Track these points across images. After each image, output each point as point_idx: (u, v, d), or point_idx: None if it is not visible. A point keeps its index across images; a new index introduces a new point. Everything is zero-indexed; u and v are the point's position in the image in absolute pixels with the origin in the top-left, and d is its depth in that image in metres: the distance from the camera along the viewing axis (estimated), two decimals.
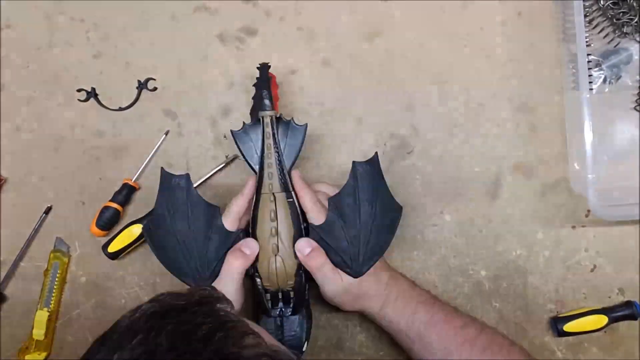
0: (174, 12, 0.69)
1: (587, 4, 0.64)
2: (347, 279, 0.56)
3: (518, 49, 0.67)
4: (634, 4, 0.63)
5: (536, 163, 0.66)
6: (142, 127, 0.69)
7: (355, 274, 0.55)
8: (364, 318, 0.67)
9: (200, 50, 0.69)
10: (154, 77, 0.69)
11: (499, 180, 0.67)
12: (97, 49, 0.69)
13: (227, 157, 0.67)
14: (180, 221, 0.55)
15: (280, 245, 0.55)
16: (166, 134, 0.68)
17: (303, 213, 0.57)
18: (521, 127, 0.67)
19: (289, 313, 0.57)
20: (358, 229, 0.55)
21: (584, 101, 0.58)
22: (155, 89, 0.69)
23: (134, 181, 0.67)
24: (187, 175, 0.56)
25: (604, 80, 0.65)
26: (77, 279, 0.69)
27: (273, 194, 0.56)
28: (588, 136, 0.57)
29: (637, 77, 0.65)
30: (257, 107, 0.59)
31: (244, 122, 0.60)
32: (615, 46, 0.65)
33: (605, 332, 0.65)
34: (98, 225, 0.65)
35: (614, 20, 0.64)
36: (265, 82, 0.59)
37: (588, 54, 0.63)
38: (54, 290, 0.67)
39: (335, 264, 0.56)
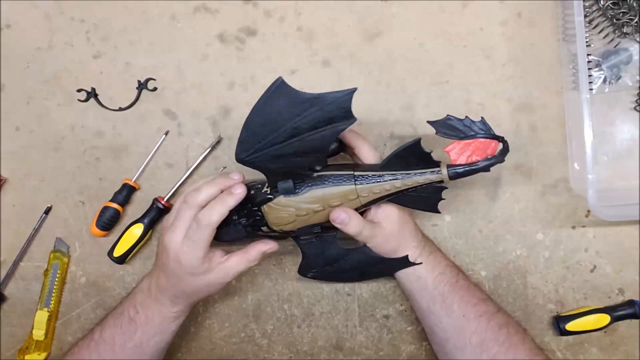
0: (174, 12, 0.69)
1: (587, 4, 0.64)
2: (386, 231, 0.57)
3: (518, 49, 0.67)
4: (634, 4, 0.63)
5: (536, 163, 0.66)
6: (142, 127, 0.69)
7: None
8: (364, 318, 0.67)
9: (200, 50, 0.69)
10: (154, 77, 0.69)
11: (498, 181, 0.67)
12: (97, 49, 0.69)
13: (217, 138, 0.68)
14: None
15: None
16: (166, 134, 0.68)
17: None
18: (521, 127, 0.67)
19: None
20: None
21: (584, 101, 0.58)
22: (155, 89, 0.69)
23: (134, 181, 0.67)
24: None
25: (604, 81, 0.65)
26: (77, 279, 0.69)
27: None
28: (588, 136, 0.57)
29: (637, 77, 0.65)
30: None
31: None
32: (615, 46, 0.65)
33: (605, 332, 0.65)
34: (98, 225, 0.66)
35: (614, 21, 0.64)
36: None
37: (588, 54, 0.63)
38: (53, 291, 0.67)
39: None
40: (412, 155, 0.53)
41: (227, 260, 0.56)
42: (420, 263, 0.58)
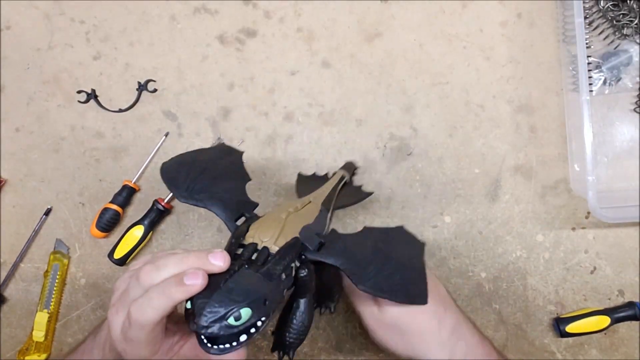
0: (173, 13, 0.69)
1: (587, 5, 0.64)
2: (391, 309, 0.43)
3: (518, 50, 0.67)
4: (634, 6, 0.63)
5: (536, 164, 0.66)
6: (142, 128, 0.69)
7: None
8: None
9: (200, 51, 0.69)
10: (154, 78, 0.69)
11: (498, 182, 0.67)
12: (97, 50, 0.69)
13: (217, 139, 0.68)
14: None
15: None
16: (166, 135, 0.68)
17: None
18: (521, 128, 0.67)
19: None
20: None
21: (583, 103, 0.58)
22: (155, 90, 0.69)
23: (134, 183, 0.67)
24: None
25: (604, 82, 0.65)
26: (77, 280, 0.69)
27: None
28: (588, 138, 0.57)
29: (637, 78, 0.65)
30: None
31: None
32: (615, 48, 0.65)
33: (605, 333, 0.65)
34: (98, 226, 0.65)
35: (614, 22, 0.64)
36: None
37: (588, 56, 0.63)
38: (53, 292, 0.67)
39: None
40: (312, 181, 0.63)
41: (180, 349, 0.42)
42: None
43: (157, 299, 0.36)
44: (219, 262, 0.38)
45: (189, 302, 0.37)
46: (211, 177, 0.49)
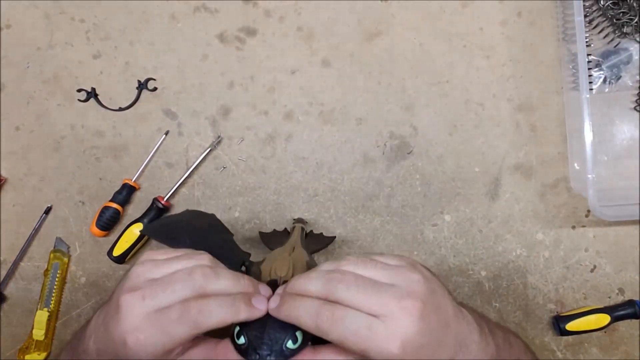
0: (174, 12, 0.69)
1: (587, 4, 0.64)
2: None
3: (518, 49, 0.67)
4: (634, 4, 0.63)
5: (536, 163, 0.66)
6: (142, 127, 0.69)
7: None
8: None
9: (200, 50, 0.69)
10: (154, 77, 0.69)
11: (498, 180, 0.67)
12: (97, 49, 0.69)
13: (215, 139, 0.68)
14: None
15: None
16: (166, 134, 0.68)
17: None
18: (521, 127, 0.67)
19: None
20: None
21: (584, 101, 0.58)
22: (155, 89, 0.69)
23: (134, 181, 0.67)
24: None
25: (604, 81, 0.65)
26: (77, 279, 0.69)
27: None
28: (588, 136, 0.57)
29: (637, 77, 0.65)
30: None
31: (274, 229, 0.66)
32: (615, 46, 0.65)
33: (605, 332, 0.65)
34: (98, 225, 0.65)
35: (614, 21, 0.64)
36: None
37: (588, 54, 0.63)
38: (54, 291, 0.67)
39: None
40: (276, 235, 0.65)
41: (189, 350, 0.38)
42: None
43: (226, 310, 0.35)
44: (267, 294, 0.39)
45: (241, 338, 0.37)
46: (202, 234, 0.51)
